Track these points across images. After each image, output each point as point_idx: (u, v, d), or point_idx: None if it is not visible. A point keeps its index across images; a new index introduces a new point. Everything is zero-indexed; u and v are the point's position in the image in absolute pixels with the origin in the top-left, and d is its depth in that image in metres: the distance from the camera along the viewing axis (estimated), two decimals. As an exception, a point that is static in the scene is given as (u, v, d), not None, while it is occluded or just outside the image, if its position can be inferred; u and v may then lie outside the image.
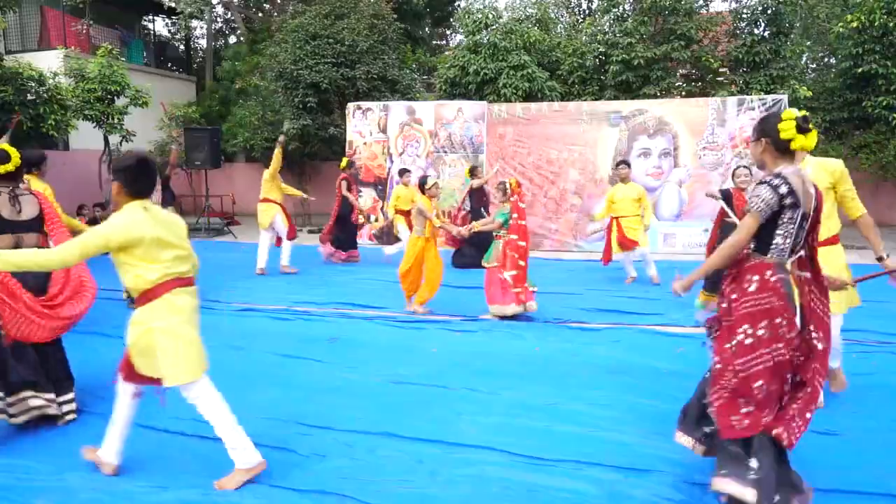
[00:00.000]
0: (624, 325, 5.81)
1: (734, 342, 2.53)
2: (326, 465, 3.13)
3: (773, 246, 2.54)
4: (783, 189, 2.47)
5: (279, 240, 8.52)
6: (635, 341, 5.31)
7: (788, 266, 2.56)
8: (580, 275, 8.27)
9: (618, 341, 5.30)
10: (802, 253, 2.61)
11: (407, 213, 8.43)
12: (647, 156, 10.72)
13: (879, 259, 3.65)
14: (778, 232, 2.52)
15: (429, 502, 2.81)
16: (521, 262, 5.92)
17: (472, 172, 9.47)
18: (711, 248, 5.80)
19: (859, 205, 3.66)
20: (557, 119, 11.07)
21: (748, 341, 2.50)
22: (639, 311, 6.28)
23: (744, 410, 2.50)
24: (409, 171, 9.32)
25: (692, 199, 10.51)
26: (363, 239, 11.76)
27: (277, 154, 8.48)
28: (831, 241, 3.70)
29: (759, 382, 2.48)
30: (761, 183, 2.54)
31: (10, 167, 3.58)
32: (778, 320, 2.48)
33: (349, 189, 9.42)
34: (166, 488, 2.91)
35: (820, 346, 2.54)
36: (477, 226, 6.49)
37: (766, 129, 2.59)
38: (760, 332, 2.49)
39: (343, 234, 9.42)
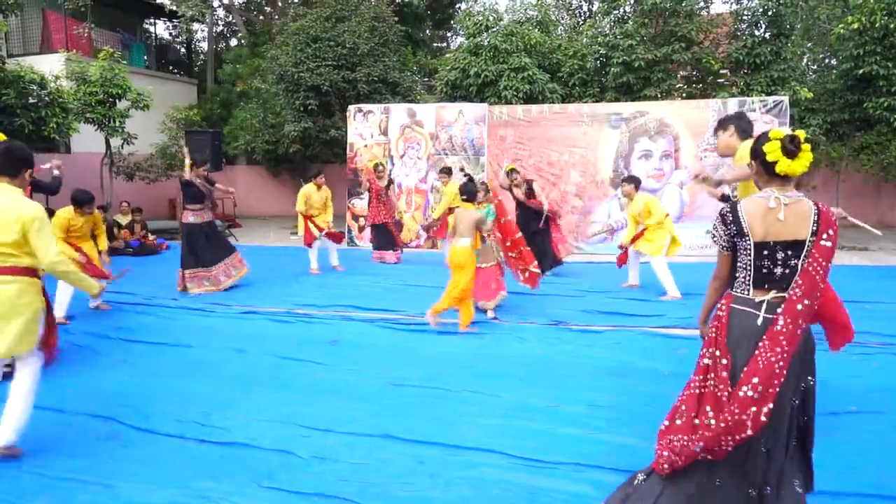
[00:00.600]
0: (625, 328, 5.80)
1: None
2: (327, 468, 3.13)
3: (736, 278, 2.46)
4: (728, 217, 2.40)
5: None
6: (636, 343, 5.31)
7: (757, 301, 2.37)
8: (581, 277, 8.26)
9: (619, 343, 5.29)
10: (789, 294, 2.31)
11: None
12: (648, 158, 10.72)
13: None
14: (738, 264, 2.44)
15: (429, 504, 2.81)
16: (522, 248, 6.33)
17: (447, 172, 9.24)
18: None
19: None
20: (558, 121, 11.07)
21: (703, 362, 2.48)
22: (640, 313, 6.27)
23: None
24: (450, 170, 9.33)
25: (693, 200, 10.51)
26: (364, 241, 11.78)
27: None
28: None
29: (683, 407, 2.47)
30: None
31: None
32: (716, 351, 2.41)
33: (380, 191, 9.40)
34: (164, 489, 2.91)
35: (741, 394, 2.25)
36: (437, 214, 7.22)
37: (756, 149, 2.42)
38: (706, 361, 2.45)
39: (381, 236, 9.63)
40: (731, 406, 2.25)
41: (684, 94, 12.46)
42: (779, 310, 2.30)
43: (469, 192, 5.87)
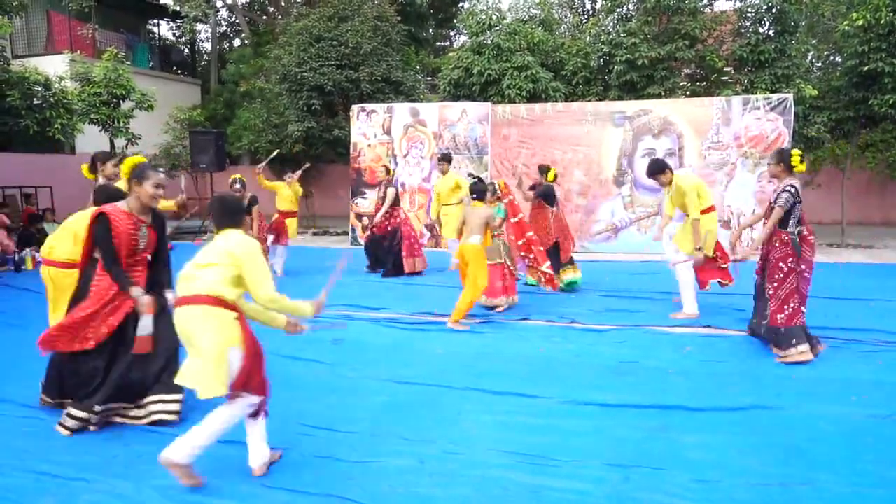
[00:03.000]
0: (629, 326, 5.79)
1: (777, 275, 4.66)
2: (329, 466, 3.13)
3: (789, 224, 4.63)
4: (796, 193, 4.62)
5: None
6: (640, 342, 5.29)
7: (794, 231, 4.63)
8: (585, 275, 8.24)
9: (623, 342, 5.28)
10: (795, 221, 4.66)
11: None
12: (652, 156, 10.67)
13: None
14: (791, 217, 4.63)
15: (432, 503, 2.80)
16: (539, 248, 6.50)
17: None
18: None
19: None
20: (561, 120, 11.05)
21: (779, 275, 4.65)
22: (644, 311, 6.26)
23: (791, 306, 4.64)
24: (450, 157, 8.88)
25: (697, 198, 10.46)
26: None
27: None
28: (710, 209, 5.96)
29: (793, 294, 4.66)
30: (785, 190, 4.61)
31: None
32: (791, 260, 4.63)
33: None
34: (167, 488, 2.91)
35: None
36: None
37: (783, 157, 4.72)
38: (790, 265, 4.63)
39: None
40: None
41: (688, 92, 12.42)
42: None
43: (478, 190, 5.92)
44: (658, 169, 6.10)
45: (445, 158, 8.67)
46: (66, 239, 4.19)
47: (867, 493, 2.81)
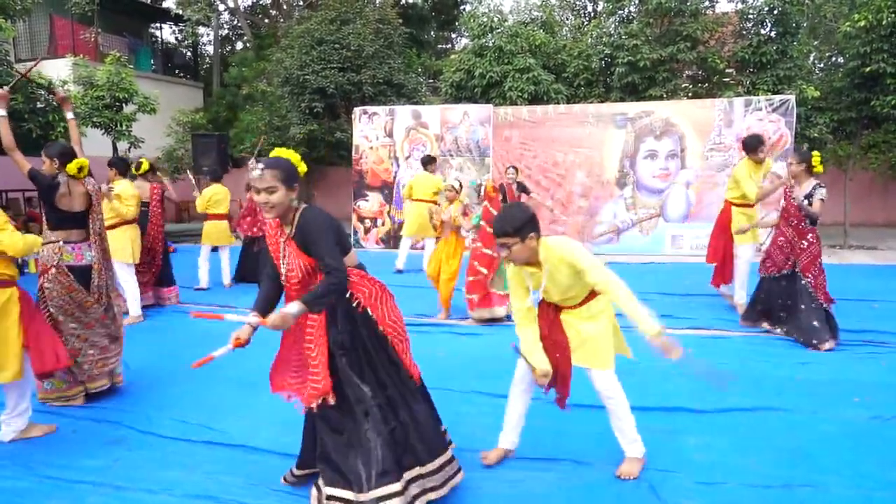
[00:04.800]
0: (631, 328, 5.76)
1: (817, 265, 5.13)
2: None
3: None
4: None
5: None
6: (643, 343, 5.27)
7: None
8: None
9: (627, 343, 5.26)
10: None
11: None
12: (654, 157, 10.69)
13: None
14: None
15: (436, 506, 2.80)
16: (483, 270, 5.81)
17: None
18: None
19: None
20: (563, 122, 11.06)
21: (816, 269, 5.13)
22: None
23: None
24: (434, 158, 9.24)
25: (700, 200, 10.47)
26: (370, 243, 11.80)
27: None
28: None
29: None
30: (821, 186, 5.03)
31: None
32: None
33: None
34: (172, 492, 2.93)
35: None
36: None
37: (806, 159, 5.09)
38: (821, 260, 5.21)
39: None
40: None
41: (690, 94, 12.42)
42: None
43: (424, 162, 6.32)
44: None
45: (431, 161, 9.03)
46: None
47: (871, 495, 2.81)
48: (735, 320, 5.86)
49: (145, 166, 6.93)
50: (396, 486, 2.49)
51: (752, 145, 5.86)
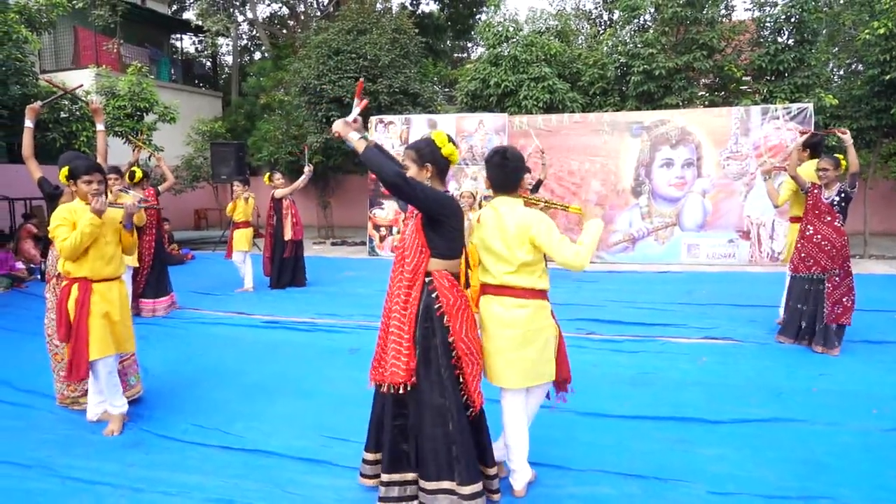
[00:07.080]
0: (645, 337, 5.76)
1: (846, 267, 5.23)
2: (349, 477, 3.16)
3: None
4: None
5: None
6: (657, 352, 5.27)
7: None
8: (602, 286, 8.22)
9: (639, 352, 5.26)
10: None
11: None
12: (670, 166, 10.65)
13: None
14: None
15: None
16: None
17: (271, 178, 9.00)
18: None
19: None
20: (579, 130, 11.06)
21: (846, 268, 5.25)
22: (660, 322, 6.23)
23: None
24: None
25: (716, 209, 10.40)
26: (385, 251, 11.86)
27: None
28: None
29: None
30: (852, 185, 5.30)
31: None
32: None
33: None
34: (188, 495, 2.97)
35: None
36: None
37: (838, 163, 5.20)
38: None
39: None
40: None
41: (706, 102, 12.35)
42: None
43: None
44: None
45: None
46: None
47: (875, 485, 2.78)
48: (750, 330, 5.81)
49: (139, 175, 6.89)
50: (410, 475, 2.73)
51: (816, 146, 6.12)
